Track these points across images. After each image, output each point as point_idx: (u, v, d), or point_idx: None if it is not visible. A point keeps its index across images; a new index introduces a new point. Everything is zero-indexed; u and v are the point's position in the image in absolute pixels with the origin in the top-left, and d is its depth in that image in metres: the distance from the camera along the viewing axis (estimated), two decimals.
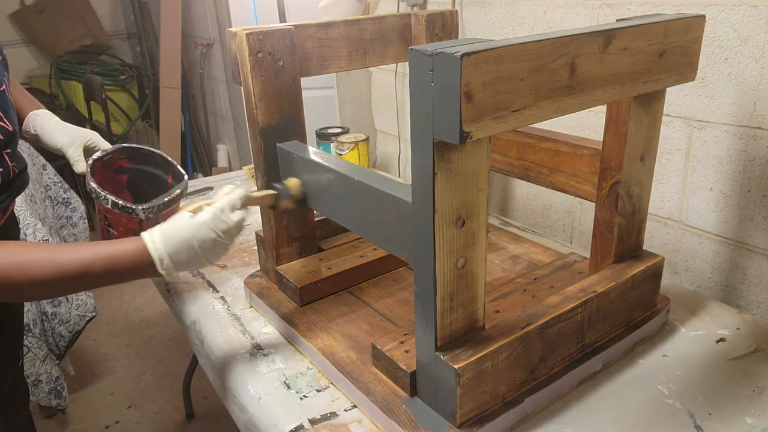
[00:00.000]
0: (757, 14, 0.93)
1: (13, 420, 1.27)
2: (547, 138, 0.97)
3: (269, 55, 0.88)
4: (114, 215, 0.96)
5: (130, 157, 1.08)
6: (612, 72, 0.68)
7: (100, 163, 1.04)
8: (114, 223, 0.98)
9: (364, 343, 0.87)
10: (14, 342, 1.23)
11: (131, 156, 1.08)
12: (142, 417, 1.96)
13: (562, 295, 0.81)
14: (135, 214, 0.94)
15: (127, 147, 1.08)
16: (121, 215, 0.95)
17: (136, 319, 2.50)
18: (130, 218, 0.95)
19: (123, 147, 1.07)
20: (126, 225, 0.97)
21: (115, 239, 0.95)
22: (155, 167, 1.09)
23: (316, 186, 0.89)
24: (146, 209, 0.94)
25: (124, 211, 0.93)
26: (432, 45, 0.58)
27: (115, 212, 0.95)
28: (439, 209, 0.63)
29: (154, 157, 1.09)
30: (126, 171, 1.09)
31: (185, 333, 1.12)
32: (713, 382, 0.81)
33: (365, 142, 1.62)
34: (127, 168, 1.09)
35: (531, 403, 0.75)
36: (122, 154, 1.07)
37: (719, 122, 1.02)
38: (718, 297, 1.10)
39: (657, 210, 1.16)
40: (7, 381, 1.20)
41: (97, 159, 1.03)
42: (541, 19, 1.27)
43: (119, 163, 1.08)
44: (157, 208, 0.95)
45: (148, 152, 1.08)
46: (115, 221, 0.98)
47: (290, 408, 0.80)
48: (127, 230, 0.97)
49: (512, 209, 1.51)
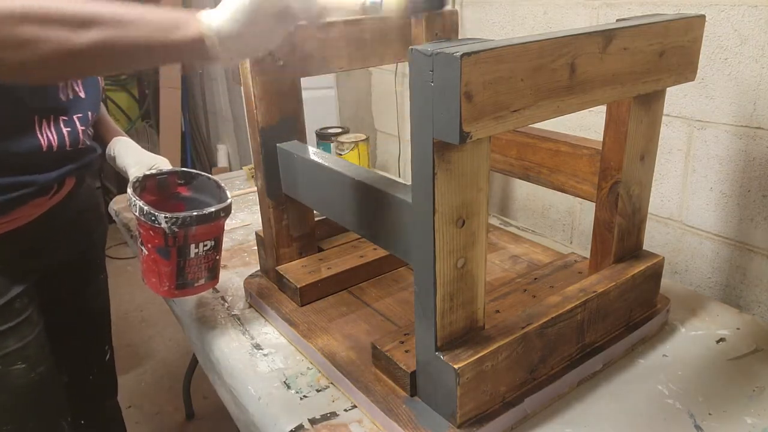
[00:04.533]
0: (757, 14, 0.93)
1: (101, 410, 1.33)
2: (547, 138, 0.97)
3: (269, 55, 0.88)
4: (144, 228, 0.89)
5: (187, 183, 1.02)
6: (612, 72, 0.68)
7: (154, 182, 1.00)
8: (144, 239, 0.90)
9: (364, 343, 0.87)
10: (100, 337, 1.29)
11: (188, 182, 1.02)
12: (142, 417, 1.96)
13: (562, 295, 0.81)
14: (157, 222, 0.85)
15: (185, 171, 1.03)
16: (147, 227, 0.88)
17: (136, 319, 2.50)
18: (155, 230, 0.87)
19: (181, 171, 1.03)
20: (152, 240, 0.89)
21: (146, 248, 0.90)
22: (211, 196, 1.01)
23: (316, 186, 0.89)
24: (169, 218, 0.85)
25: (147, 219, 0.86)
26: (432, 45, 0.58)
27: (143, 223, 0.88)
28: (439, 209, 0.63)
29: (210, 185, 1.01)
30: (183, 199, 1.02)
31: (185, 333, 1.12)
32: (713, 382, 0.81)
33: (365, 142, 1.62)
34: (184, 196, 1.02)
35: (531, 403, 0.75)
36: (180, 178, 1.02)
37: (719, 122, 1.02)
38: (718, 297, 1.10)
39: (657, 210, 1.16)
40: (92, 374, 1.27)
41: (150, 176, 1.00)
42: (541, 19, 1.27)
43: (176, 189, 1.03)
44: (182, 221, 0.86)
45: (205, 179, 1.02)
46: (145, 236, 0.90)
47: (290, 408, 0.80)
48: (154, 247, 0.89)
49: (512, 209, 1.51)
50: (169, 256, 0.89)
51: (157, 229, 0.86)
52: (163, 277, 0.92)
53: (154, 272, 0.92)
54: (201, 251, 0.92)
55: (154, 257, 0.90)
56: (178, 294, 0.95)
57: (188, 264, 0.91)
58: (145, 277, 0.94)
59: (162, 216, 0.85)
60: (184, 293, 0.95)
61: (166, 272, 0.91)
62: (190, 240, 0.89)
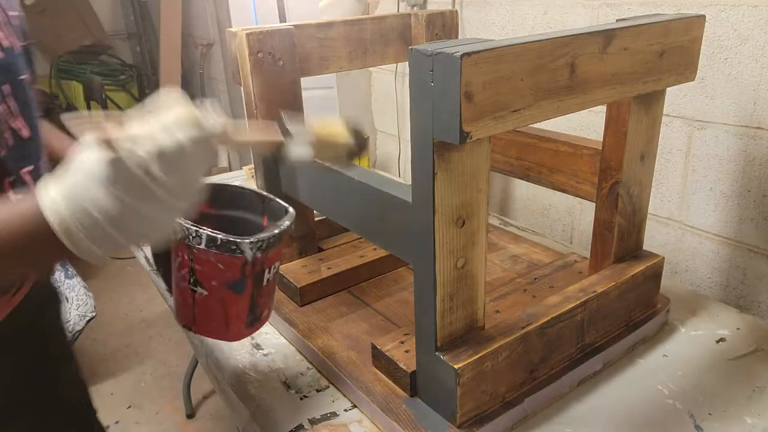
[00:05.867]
0: (757, 14, 0.93)
1: None
2: (547, 138, 0.97)
3: (269, 55, 0.88)
4: (207, 264, 0.71)
5: (214, 199, 0.81)
6: (612, 72, 0.68)
7: None
8: (205, 276, 0.72)
9: (364, 343, 0.87)
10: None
11: (215, 198, 0.81)
12: (142, 417, 1.95)
13: (562, 295, 0.81)
14: (239, 251, 0.69)
15: (208, 185, 0.79)
16: (217, 260, 0.70)
17: (136, 319, 2.50)
18: (232, 261, 0.70)
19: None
20: (223, 275, 0.71)
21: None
22: (245, 210, 0.83)
23: (316, 186, 0.89)
24: (254, 243, 0.69)
25: (224, 250, 0.69)
26: (432, 45, 0.58)
27: (209, 257, 0.70)
28: (439, 209, 0.63)
29: (245, 197, 0.83)
30: (208, 218, 0.80)
31: (185, 333, 1.11)
32: (713, 382, 0.81)
33: None
34: (209, 215, 0.81)
35: (531, 403, 0.75)
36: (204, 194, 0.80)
37: (719, 122, 1.02)
38: (718, 297, 1.10)
39: (657, 210, 1.16)
40: None
41: None
42: (541, 19, 1.27)
43: (199, 208, 0.77)
44: (267, 243, 0.71)
45: (237, 190, 0.83)
46: (207, 272, 0.72)
47: (290, 408, 0.80)
48: (221, 284, 0.72)
49: (512, 209, 1.51)
50: (243, 290, 0.74)
51: (235, 259, 0.70)
52: (232, 319, 0.75)
53: (217, 315, 0.75)
54: (271, 276, 0.76)
55: (222, 296, 0.73)
56: (247, 334, 0.79)
57: (261, 294, 0.76)
58: (201, 324, 0.76)
59: (246, 242, 0.69)
60: (251, 331, 0.79)
61: (236, 311, 0.75)
62: (265, 264, 0.74)
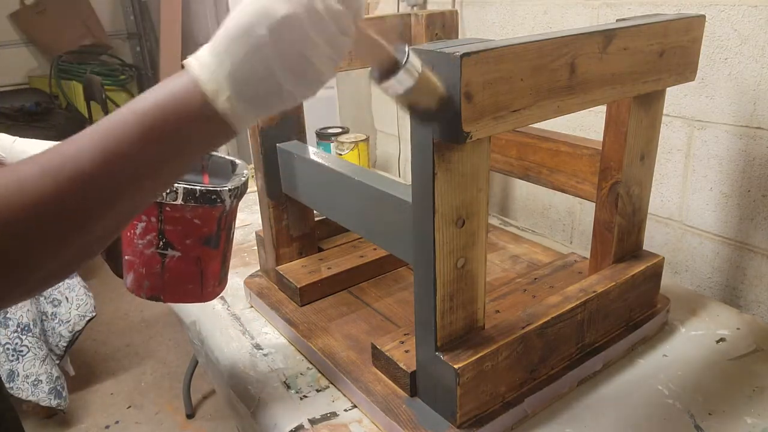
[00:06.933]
0: (757, 14, 0.93)
1: None
2: (547, 138, 0.97)
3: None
4: (182, 221, 0.66)
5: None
6: (612, 72, 0.68)
7: None
8: (178, 236, 0.66)
9: (364, 343, 0.87)
10: None
11: None
12: (142, 417, 1.96)
13: (562, 295, 0.81)
14: (220, 200, 0.65)
15: None
16: (194, 215, 0.65)
17: (136, 319, 2.50)
18: (210, 213, 0.66)
19: None
20: (200, 230, 0.67)
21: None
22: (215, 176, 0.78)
23: (316, 186, 0.89)
24: (232, 191, 0.66)
25: (203, 201, 0.65)
26: (432, 45, 0.58)
27: (185, 212, 0.65)
28: (439, 209, 0.63)
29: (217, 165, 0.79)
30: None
31: (185, 333, 1.12)
32: (713, 382, 0.81)
33: (365, 142, 1.62)
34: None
35: (531, 403, 0.75)
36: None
37: (719, 122, 1.02)
38: (718, 297, 1.10)
39: (657, 210, 1.16)
40: None
41: None
42: (541, 19, 1.27)
43: None
44: (239, 191, 0.68)
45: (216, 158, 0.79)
46: (181, 231, 0.66)
47: (290, 408, 0.80)
48: (196, 241, 0.67)
49: (512, 209, 1.51)
50: (218, 245, 0.70)
51: (213, 210, 0.66)
52: (207, 277, 0.71)
53: (192, 276, 0.70)
54: (234, 229, 0.73)
55: (198, 254, 0.69)
56: (219, 291, 0.76)
57: (229, 249, 0.73)
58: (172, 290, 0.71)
59: (226, 190, 0.65)
60: (220, 290, 0.77)
61: (212, 269, 0.71)
62: (232, 216, 0.70)
